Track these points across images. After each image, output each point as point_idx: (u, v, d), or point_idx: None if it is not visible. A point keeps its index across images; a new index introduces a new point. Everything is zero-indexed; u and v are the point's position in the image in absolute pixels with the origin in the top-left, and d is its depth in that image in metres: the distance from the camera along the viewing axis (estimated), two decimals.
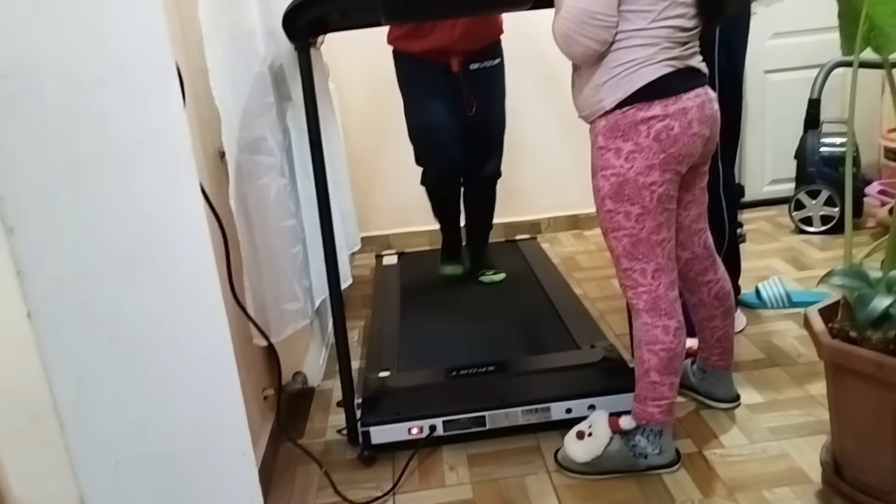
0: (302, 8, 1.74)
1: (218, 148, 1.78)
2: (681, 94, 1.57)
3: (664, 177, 1.59)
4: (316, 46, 2.19)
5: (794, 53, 3.53)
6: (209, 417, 0.92)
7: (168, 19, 1.03)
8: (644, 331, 1.69)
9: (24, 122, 0.57)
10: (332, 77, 2.82)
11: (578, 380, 2.01)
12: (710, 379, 2.00)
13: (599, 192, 1.65)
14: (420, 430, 1.91)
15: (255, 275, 1.80)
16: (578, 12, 1.50)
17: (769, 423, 1.92)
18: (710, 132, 1.65)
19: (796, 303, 2.55)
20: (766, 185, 3.72)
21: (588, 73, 1.61)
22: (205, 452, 0.90)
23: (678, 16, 1.54)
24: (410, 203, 3.30)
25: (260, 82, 1.81)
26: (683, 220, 1.78)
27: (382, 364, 2.22)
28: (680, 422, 1.94)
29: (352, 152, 3.38)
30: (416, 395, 2.02)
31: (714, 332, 1.93)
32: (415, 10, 1.84)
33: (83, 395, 0.62)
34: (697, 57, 1.64)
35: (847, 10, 1.55)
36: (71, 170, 0.63)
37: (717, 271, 1.88)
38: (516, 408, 1.93)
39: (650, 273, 1.66)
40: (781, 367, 2.19)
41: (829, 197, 3.21)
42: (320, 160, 1.82)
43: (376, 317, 2.69)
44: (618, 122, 1.58)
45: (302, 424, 2.14)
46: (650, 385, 1.70)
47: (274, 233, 1.86)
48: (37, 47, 0.60)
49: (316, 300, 2.14)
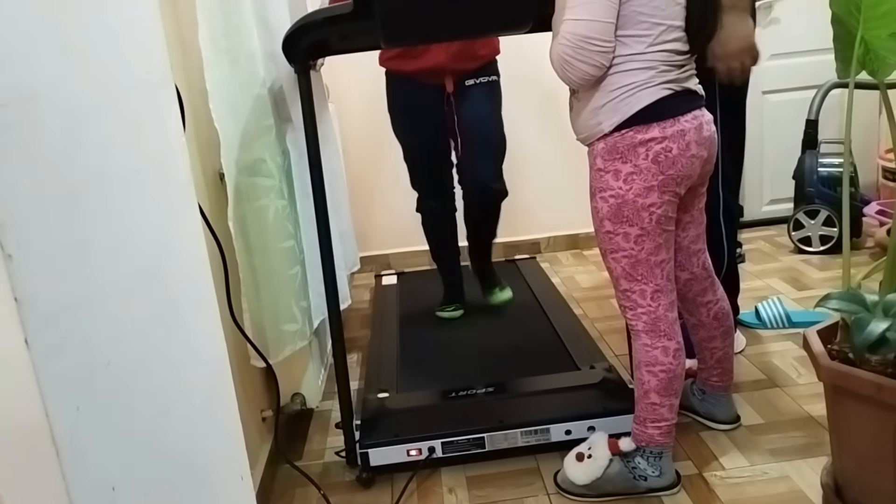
0: (302, 31, 1.75)
1: (217, 169, 1.79)
2: (679, 117, 1.58)
3: (663, 198, 1.60)
4: (316, 69, 2.20)
5: (791, 74, 3.55)
6: (207, 440, 0.92)
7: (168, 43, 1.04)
8: (643, 352, 1.69)
9: (23, 150, 0.57)
10: (332, 98, 2.83)
11: (578, 401, 2.01)
12: (710, 400, 2.00)
13: (598, 214, 1.66)
14: (419, 452, 1.90)
15: (253, 296, 1.80)
16: (575, 38, 1.51)
17: (769, 444, 1.91)
18: (708, 154, 1.66)
19: (796, 323, 2.55)
20: (765, 204, 3.73)
21: (586, 96, 1.62)
22: (202, 476, 0.89)
23: (674, 40, 1.56)
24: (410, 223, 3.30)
25: (259, 104, 1.83)
26: (682, 240, 1.78)
27: (381, 385, 2.22)
28: (680, 443, 1.93)
29: (351, 172, 3.39)
30: (415, 417, 2.01)
31: (713, 352, 1.92)
32: (414, 34, 1.85)
33: (80, 420, 0.62)
34: (694, 79, 1.66)
35: (842, 34, 1.56)
36: (70, 196, 0.64)
37: (716, 292, 1.88)
38: (515, 429, 1.92)
39: (649, 294, 1.66)
40: (781, 387, 2.18)
41: (828, 217, 3.22)
42: (320, 182, 1.83)
43: (375, 337, 2.68)
44: (616, 145, 1.59)
45: (300, 446, 2.13)
46: (650, 406, 1.70)
47: (272, 254, 1.86)
48: (35, 75, 0.60)
49: (314, 321, 2.14)
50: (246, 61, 1.77)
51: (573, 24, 1.52)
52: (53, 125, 0.62)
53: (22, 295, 0.55)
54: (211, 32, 1.65)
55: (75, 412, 0.61)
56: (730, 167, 1.90)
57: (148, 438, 0.75)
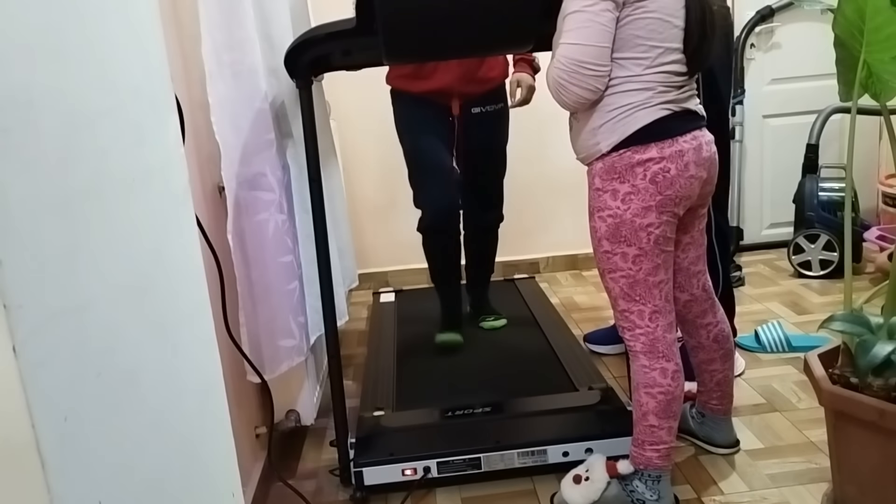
0: (304, 46, 1.76)
1: (217, 183, 1.78)
2: (677, 137, 1.58)
3: (661, 218, 1.59)
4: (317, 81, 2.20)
5: (792, 99, 3.56)
6: (198, 455, 0.90)
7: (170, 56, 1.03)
8: (642, 373, 1.68)
9: (18, 154, 0.56)
10: (333, 114, 2.84)
11: (576, 422, 1.99)
12: (709, 423, 1.98)
13: (596, 233, 1.65)
14: (414, 472, 1.88)
15: (250, 310, 1.79)
16: (570, 62, 1.52)
17: (769, 469, 1.89)
18: (708, 174, 1.66)
19: (796, 347, 2.53)
20: (765, 228, 3.73)
21: (585, 116, 1.62)
22: (193, 492, 0.88)
23: (672, 62, 1.57)
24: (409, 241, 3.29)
25: (261, 119, 1.82)
26: (682, 261, 1.78)
27: (377, 403, 2.20)
28: (678, 467, 1.91)
29: (352, 189, 3.39)
30: (411, 436, 1.99)
31: (713, 375, 1.91)
32: (416, 51, 1.86)
33: (68, 431, 0.61)
34: (695, 100, 1.66)
35: (845, 57, 1.56)
36: (64, 203, 0.63)
37: (716, 314, 1.86)
38: (512, 450, 1.90)
39: (647, 315, 1.65)
40: (781, 412, 2.16)
41: (829, 241, 3.22)
42: (319, 197, 1.83)
43: (372, 355, 2.66)
44: (614, 165, 1.58)
45: (294, 464, 2.10)
46: (648, 429, 1.68)
47: (271, 268, 1.85)
48: (33, 80, 0.60)
49: (311, 337, 2.12)
50: (248, 76, 1.77)
51: (568, 47, 1.52)
52: (49, 131, 0.61)
53: (11, 301, 0.54)
54: (214, 46, 1.65)
55: (63, 423, 0.60)
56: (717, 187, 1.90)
57: (137, 452, 0.74)
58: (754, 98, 3.55)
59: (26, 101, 0.58)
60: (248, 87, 1.78)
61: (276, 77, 1.90)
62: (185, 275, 0.91)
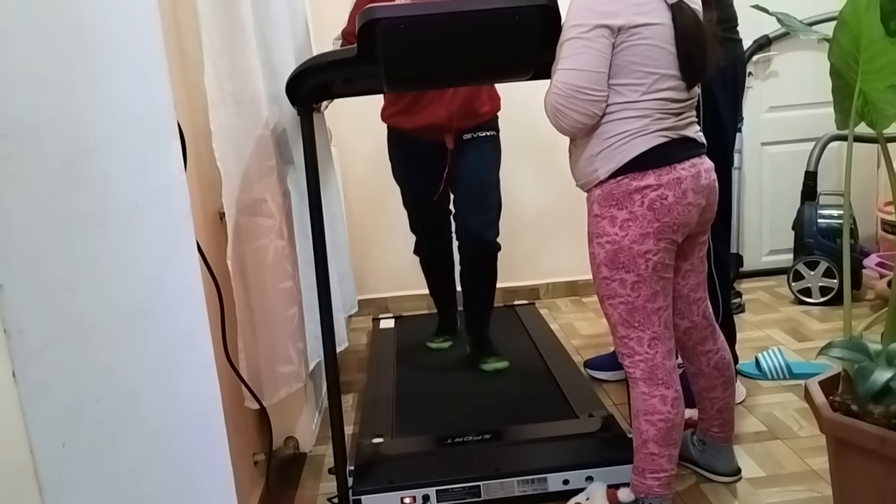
0: (306, 74, 1.77)
1: (218, 209, 1.79)
2: (675, 164, 1.59)
3: (659, 245, 1.60)
4: (320, 111, 2.22)
5: (790, 126, 3.59)
6: (196, 482, 0.90)
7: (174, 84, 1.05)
8: (641, 400, 1.67)
9: (20, 180, 0.57)
10: (334, 141, 2.86)
11: (576, 450, 1.97)
12: (710, 451, 1.96)
13: (595, 260, 1.66)
14: (413, 500, 1.86)
15: (249, 336, 1.79)
16: (567, 87, 1.53)
17: (771, 498, 1.87)
18: (707, 202, 1.66)
19: (797, 374, 2.52)
20: (765, 255, 3.73)
21: (583, 143, 1.63)
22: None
23: (669, 88, 1.58)
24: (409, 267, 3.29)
25: (262, 145, 1.84)
26: (682, 288, 1.78)
27: (376, 430, 2.18)
28: (679, 495, 1.89)
29: (352, 215, 3.40)
30: (410, 463, 1.97)
31: (714, 402, 1.90)
32: (417, 79, 1.88)
33: (66, 457, 0.61)
34: (694, 127, 1.67)
35: (841, 86, 1.58)
36: (66, 229, 0.63)
37: (716, 341, 1.86)
38: (512, 478, 1.88)
39: (647, 341, 1.65)
40: (783, 440, 2.15)
41: (828, 268, 3.22)
42: (319, 223, 1.83)
43: (371, 381, 2.65)
44: (612, 191, 1.59)
45: (292, 492, 2.08)
46: (649, 457, 1.67)
47: (270, 294, 1.85)
48: (36, 107, 0.60)
49: (310, 363, 2.12)
50: (250, 103, 1.79)
51: (564, 73, 1.54)
52: (52, 157, 0.62)
53: (11, 326, 0.54)
54: (217, 74, 1.67)
55: (61, 449, 0.60)
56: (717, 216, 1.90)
57: (135, 478, 0.73)
58: (753, 126, 3.57)
59: (31, 127, 0.59)
60: (250, 115, 1.80)
61: (278, 104, 1.92)
62: (185, 300, 0.91)
